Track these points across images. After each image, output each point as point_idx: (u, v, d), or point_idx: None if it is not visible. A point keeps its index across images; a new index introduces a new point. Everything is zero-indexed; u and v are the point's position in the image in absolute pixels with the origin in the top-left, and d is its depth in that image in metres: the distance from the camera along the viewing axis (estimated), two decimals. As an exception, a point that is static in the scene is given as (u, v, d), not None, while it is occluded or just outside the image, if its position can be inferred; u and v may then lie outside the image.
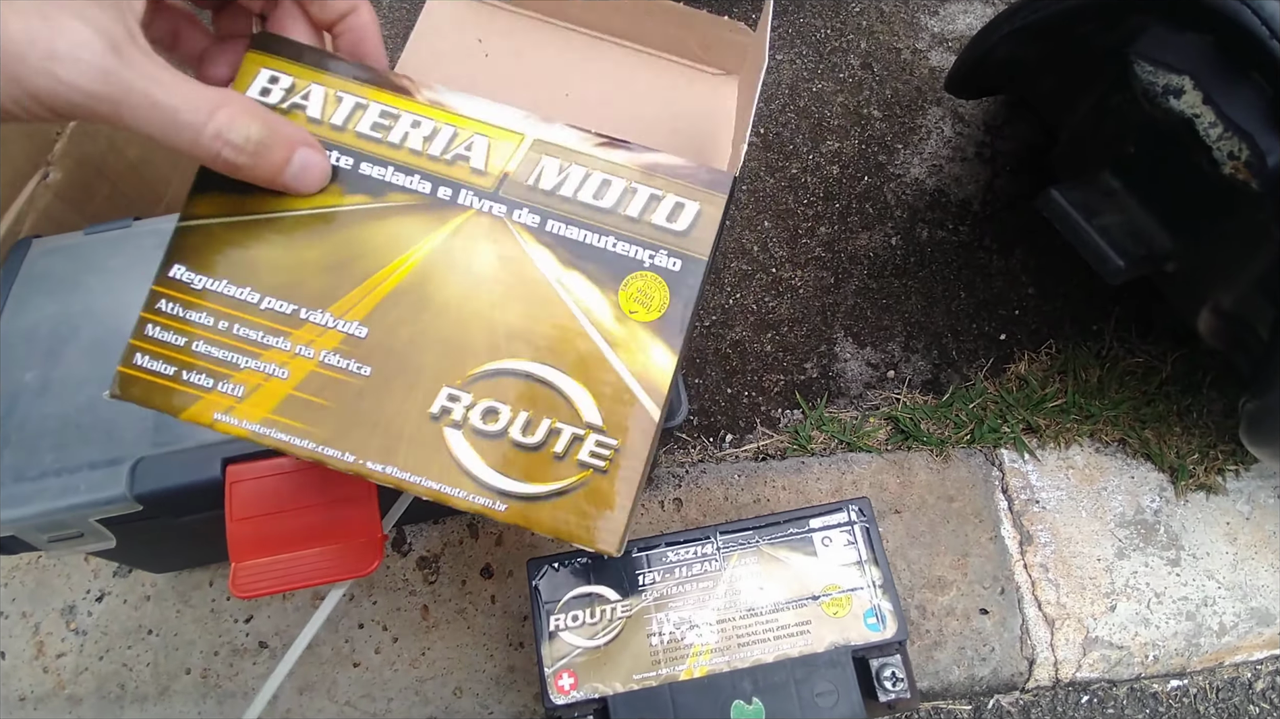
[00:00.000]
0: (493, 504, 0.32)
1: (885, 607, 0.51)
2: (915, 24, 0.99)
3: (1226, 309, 0.57)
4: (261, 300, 0.32)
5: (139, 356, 0.31)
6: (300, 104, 0.32)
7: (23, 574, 0.68)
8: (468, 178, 0.33)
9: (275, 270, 0.32)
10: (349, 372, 0.32)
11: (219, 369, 0.31)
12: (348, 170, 0.32)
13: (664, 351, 0.33)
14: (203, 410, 0.31)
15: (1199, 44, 0.48)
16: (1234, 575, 0.72)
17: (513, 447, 0.32)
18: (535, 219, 0.33)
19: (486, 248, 0.33)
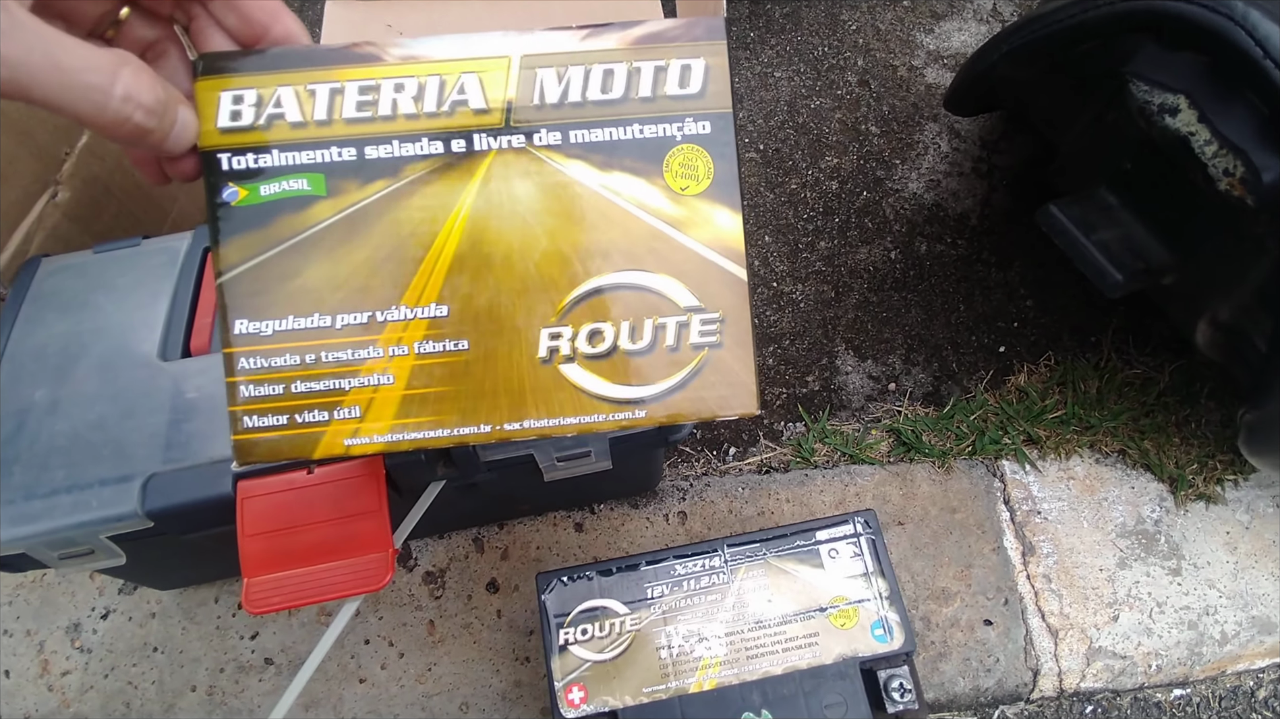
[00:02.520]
0: (633, 414, 0.34)
1: (892, 618, 0.52)
2: (911, 42, 1.01)
3: (1224, 321, 0.58)
4: (335, 320, 0.31)
5: (246, 419, 0.30)
6: (277, 113, 0.30)
7: (27, 592, 0.68)
8: (474, 121, 0.32)
9: (333, 287, 0.31)
10: (448, 352, 0.32)
11: (328, 399, 0.31)
12: (353, 161, 0.31)
13: (727, 214, 0.33)
14: (332, 442, 0.31)
15: (1194, 64, 0.49)
16: (1235, 584, 0.72)
17: (627, 356, 0.33)
18: (556, 136, 0.33)
19: (522, 183, 0.33)
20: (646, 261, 0.34)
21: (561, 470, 0.57)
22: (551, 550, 0.70)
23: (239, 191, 0.29)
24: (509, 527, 0.71)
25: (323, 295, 0.31)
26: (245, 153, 0.30)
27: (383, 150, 0.31)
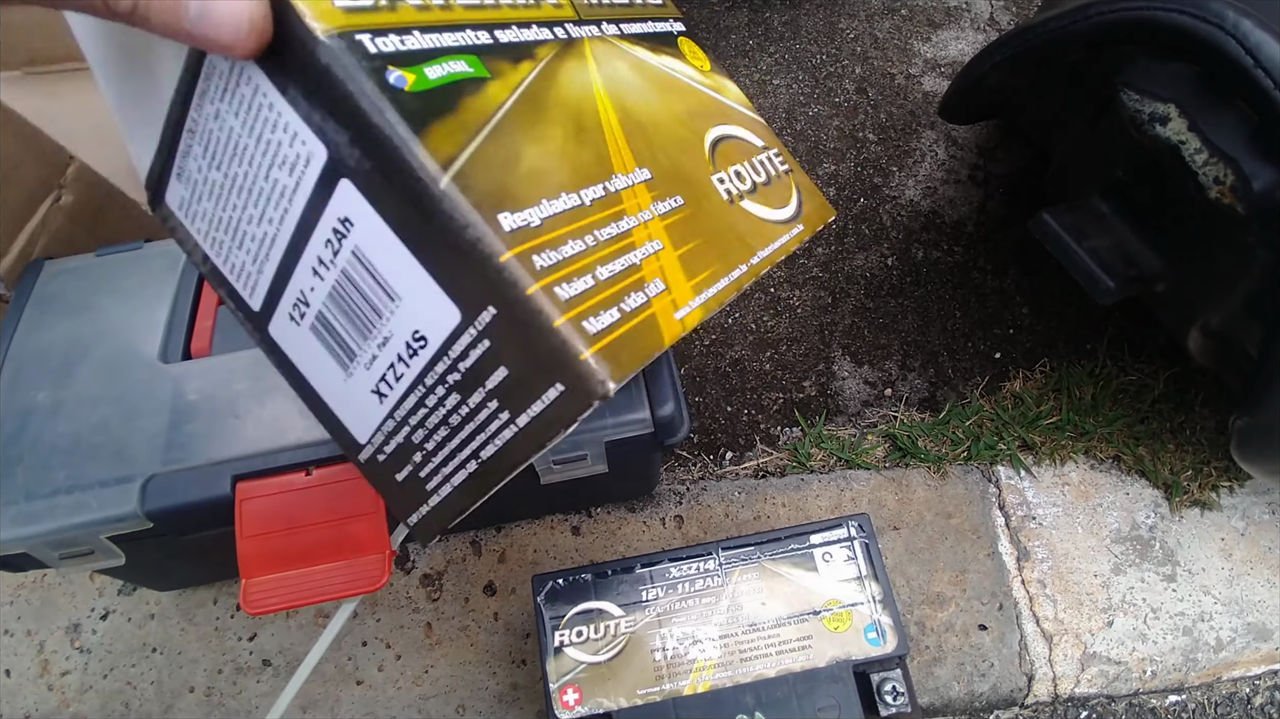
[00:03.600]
0: (799, 230, 0.38)
1: (885, 621, 0.52)
2: (909, 50, 1.02)
3: (1216, 328, 0.59)
4: (583, 197, 0.27)
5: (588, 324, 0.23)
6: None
7: (28, 592, 0.68)
8: (556, 14, 0.33)
9: (558, 165, 0.27)
10: (676, 209, 0.31)
11: (633, 278, 0.27)
12: (491, 44, 0.28)
13: (730, 82, 0.42)
14: (668, 323, 0.27)
15: (1184, 73, 0.50)
16: (1230, 591, 0.72)
17: (764, 186, 0.38)
18: (613, 29, 0.36)
19: (619, 63, 0.35)
20: (723, 118, 0.39)
21: (558, 473, 0.57)
22: (549, 554, 0.70)
23: (406, 76, 0.24)
24: (506, 530, 0.72)
25: (556, 175, 0.27)
26: (386, 34, 0.24)
27: (510, 35, 0.29)
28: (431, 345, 0.24)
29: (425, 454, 0.27)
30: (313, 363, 0.28)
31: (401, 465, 0.28)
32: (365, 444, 0.28)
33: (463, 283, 0.23)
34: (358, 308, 0.25)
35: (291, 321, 0.27)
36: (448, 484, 0.27)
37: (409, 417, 0.26)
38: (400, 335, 0.25)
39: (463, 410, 0.25)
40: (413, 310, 0.24)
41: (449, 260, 0.23)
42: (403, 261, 0.23)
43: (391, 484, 0.28)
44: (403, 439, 0.27)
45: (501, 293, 0.22)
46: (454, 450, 0.26)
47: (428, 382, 0.25)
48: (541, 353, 0.22)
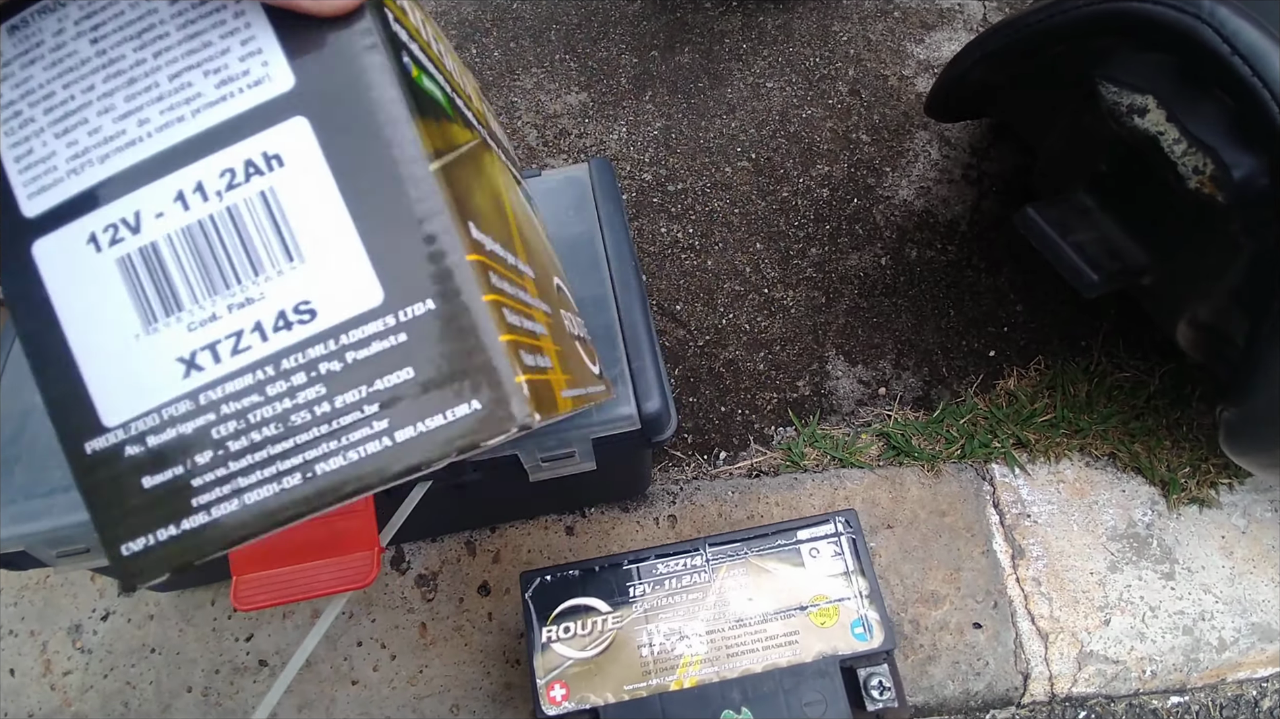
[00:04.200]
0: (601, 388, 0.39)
1: (872, 616, 0.52)
2: (902, 52, 1.02)
3: (1203, 320, 0.58)
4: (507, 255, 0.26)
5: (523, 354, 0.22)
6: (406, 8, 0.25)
7: (31, 593, 0.70)
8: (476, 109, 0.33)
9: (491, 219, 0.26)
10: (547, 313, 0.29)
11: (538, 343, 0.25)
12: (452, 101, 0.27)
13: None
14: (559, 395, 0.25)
15: (1161, 63, 0.50)
16: (1232, 590, 0.72)
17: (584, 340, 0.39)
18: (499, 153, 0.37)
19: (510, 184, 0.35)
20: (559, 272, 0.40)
21: (546, 471, 0.58)
22: (542, 553, 0.71)
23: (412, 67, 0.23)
24: (501, 530, 0.72)
25: (490, 219, 0.25)
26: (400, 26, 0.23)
27: (460, 102, 0.29)
28: (319, 322, 0.21)
29: (220, 456, 0.21)
30: (84, 304, 0.22)
31: (164, 467, 0.21)
32: (111, 428, 0.22)
33: (404, 269, 0.21)
34: (224, 255, 0.21)
35: (88, 245, 0.22)
36: (233, 500, 0.21)
37: (225, 402, 0.21)
38: (275, 301, 0.21)
39: (319, 409, 0.21)
40: (312, 276, 0.21)
41: (397, 242, 0.21)
42: (333, 222, 0.21)
43: (125, 490, 0.22)
44: (192, 430, 0.21)
45: (449, 292, 0.21)
46: (273, 457, 0.21)
47: (285, 364, 0.21)
48: (472, 365, 0.20)
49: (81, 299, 0.22)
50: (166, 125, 0.22)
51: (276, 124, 0.21)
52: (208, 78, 0.21)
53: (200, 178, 0.21)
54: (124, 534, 0.22)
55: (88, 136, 0.22)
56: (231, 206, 0.21)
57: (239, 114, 0.21)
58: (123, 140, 0.22)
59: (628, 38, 1.05)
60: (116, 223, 0.22)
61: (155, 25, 0.22)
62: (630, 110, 0.98)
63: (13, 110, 0.22)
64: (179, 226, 0.21)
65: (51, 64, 0.22)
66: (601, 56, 1.03)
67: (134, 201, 0.22)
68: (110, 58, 0.22)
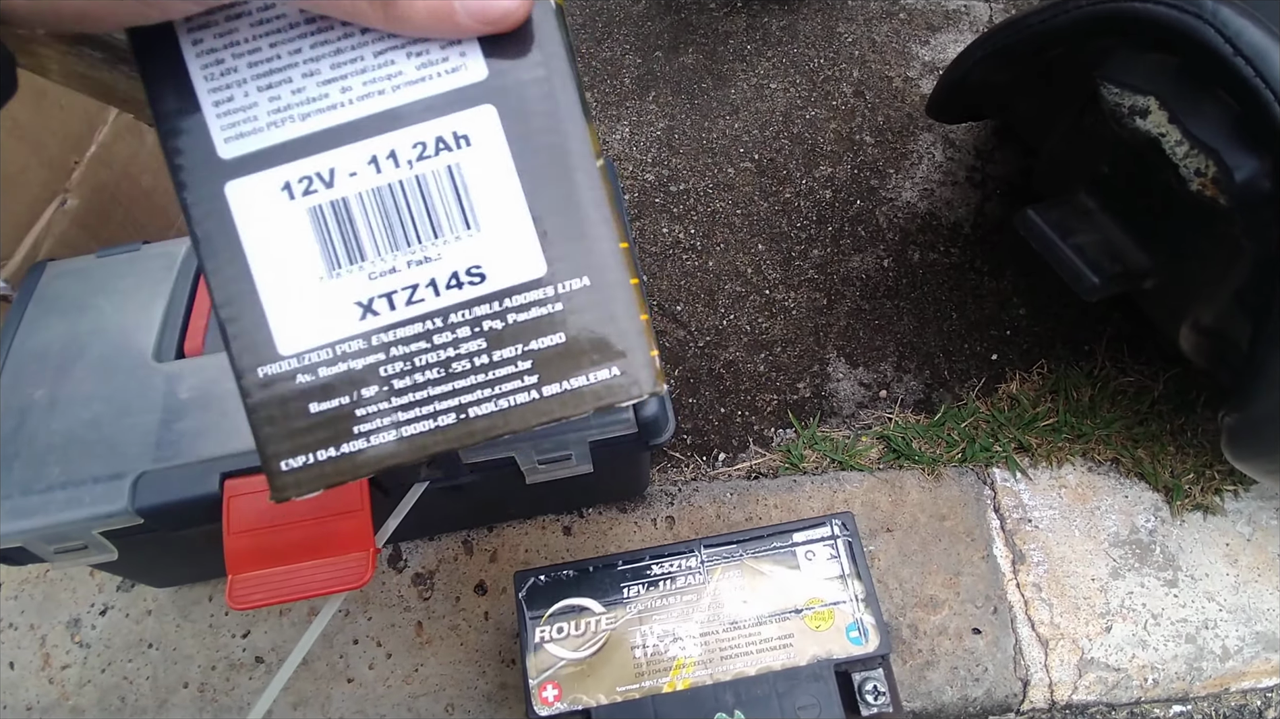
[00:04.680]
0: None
1: (868, 620, 0.52)
2: (907, 53, 1.01)
3: (1205, 325, 0.58)
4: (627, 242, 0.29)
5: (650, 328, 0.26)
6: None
7: (31, 587, 0.70)
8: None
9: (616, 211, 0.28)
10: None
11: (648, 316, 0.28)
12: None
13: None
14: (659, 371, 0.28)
15: (1163, 64, 0.49)
16: (1236, 598, 0.71)
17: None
18: None
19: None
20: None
21: (543, 473, 0.58)
22: (540, 553, 0.71)
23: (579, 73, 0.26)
24: (498, 530, 0.72)
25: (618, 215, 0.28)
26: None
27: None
28: (487, 285, 0.24)
29: (384, 391, 0.24)
30: (272, 245, 0.24)
31: (332, 396, 0.24)
32: (286, 357, 0.24)
33: (566, 247, 0.24)
34: (409, 216, 0.24)
35: (282, 191, 0.24)
36: (391, 431, 0.24)
37: (395, 345, 0.24)
38: (450, 262, 0.24)
39: (479, 359, 0.24)
40: (485, 245, 0.24)
41: (563, 225, 0.24)
42: (509, 201, 0.23)
43: (291, 413, 0.24)
44: (362, 367, 0.24)
45: (604, 273, 0.24)
46: (432, 397, 0.24)
47: (454, 318, 0.24)
48: (616, 338, 0.24)
49: (270, 240, 0.24)
50: (368, 95, 0.23)
51: (468, 108, 0.23)
52: (410, 59, 0.23)
53: (394, 146, 0.24)
54: (285, 451, 0.24)
55: (291, 95, 0.24)
56: (420, 175, 0.24)
57: (436, 94, 0.23)
58: (325, 103, 0.23)
59: (632, 38, 1.05)
60: (311, 175, 0.24)
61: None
62: (633, 110, 0.98)
63: (214, 58, 0.23)
64: (370, 186, 0.24)
65: (259, 21, 0.23)
66: (605, 56, 1.03)
67: (330, 159, 0.24)
68: (319, 26, 0.23)
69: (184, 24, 0.23)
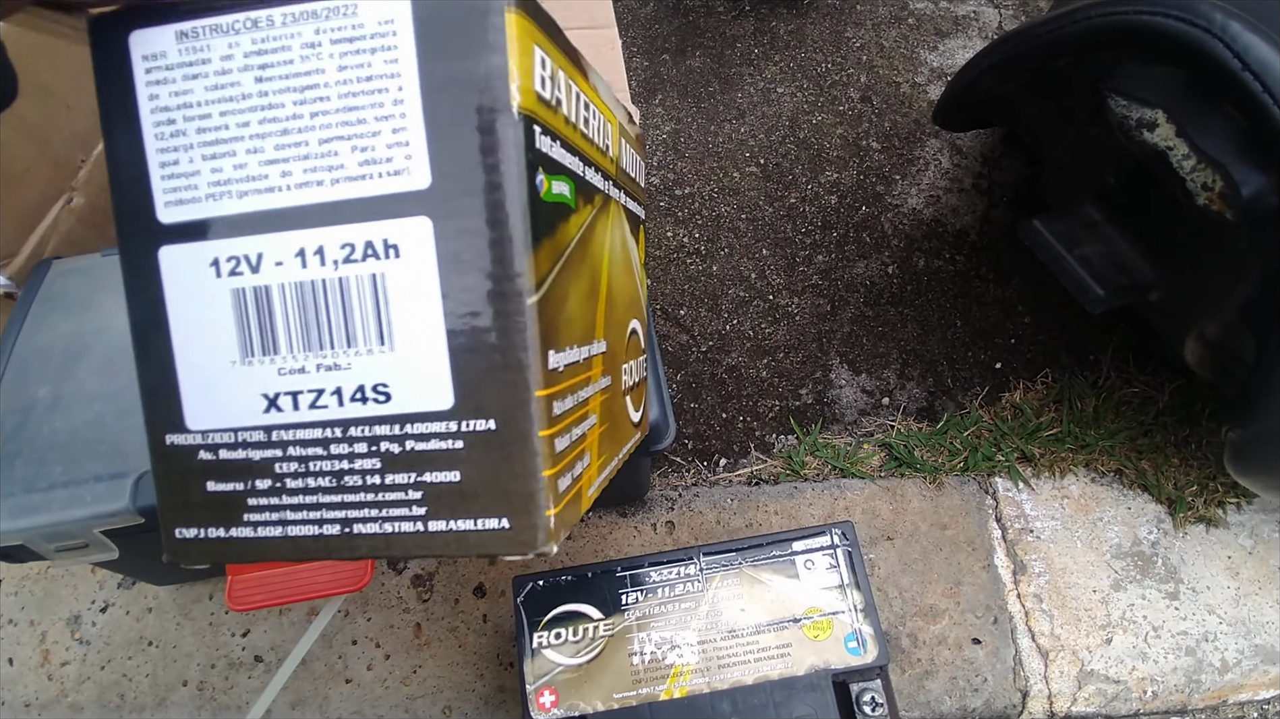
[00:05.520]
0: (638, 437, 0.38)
1: (866, 631, 0.52)
2: (915, 59, 1.01)
3: (1211, 338, 0.57)
4: (580, 354, 0.26)
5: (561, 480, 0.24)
6: (560, 98, 0.25)
7: (32, 584, 0.70)
8: (609, 166, 0.32)
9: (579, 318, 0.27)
10: (606, 387, 0.30)
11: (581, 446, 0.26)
12: (581, 177, 0.27)
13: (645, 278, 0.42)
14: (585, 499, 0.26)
15: (1171, 78, 0.49)
16: (1236, 611, 0.70)
17: (633, 388, 0.38)
18: (622, 197, 0.35)
19: (618, 233, 0.34)
20: (639, 312, 0.39)
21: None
22: (539, 557, 0.71)
23: (543, 183, 0.23)
24: (498, 532, 0.72)
25: (577, 327, 0.26)
26: (549, 135, 0.24)
27: (591, 174, 0.29)
28: (391, 406, 0.23)
29: (276, 488, 0.23)
30: (193, 318, 0.23)
31: (228, 478, 0.24)
32: (192, 431, 0.24)
33: (478, 385, 0.22)
34: (327, 319, 0.23)
35: (210, 268, 0.23)
36: (278, 528, 0.24)
37: (293, 445, 0.23)
38: (358, 374, 0.23)
39: (371, 479, 0.23)
40: (396, 366, 0.22)
41: (479, 361, 0.22)
42: (428, 325, 0.22)
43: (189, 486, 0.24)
44: (259, 459, 0.23)
45: (513, 421, 0.22)
46: (320, 504, 0.23)
47: (354, 432, 0.23)
48: (513, 490, 0.22)
49: (192, 313, 0.23)
50: (305, 184, 0.23)
51: (404, 217, 0.22)
52: (354, 153, 0.22)
53: (323, 242, 0.23)
54: (180, 520, 0.24)
55: (233, 169, 0.23)
56: (343, 278, 0.23)
57: (373, 195, 0.22)
58: (263, 184, 0.23)
59: (639, 40, 1.05)
60: (240, 257, 0.23)
61: (318, 86, 0.22)
62: (640, 113, 0.98)
63: (167, 117, 0.23)
64: (294, 280, 0.23)
65: (214, 86, 0.23)
66: (612, 59, 1.03)
67: (260, 244, 0.23)
68: (271, 102, 0.23)
69: (144, 75, 0.23)
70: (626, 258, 0.36)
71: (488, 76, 0.21)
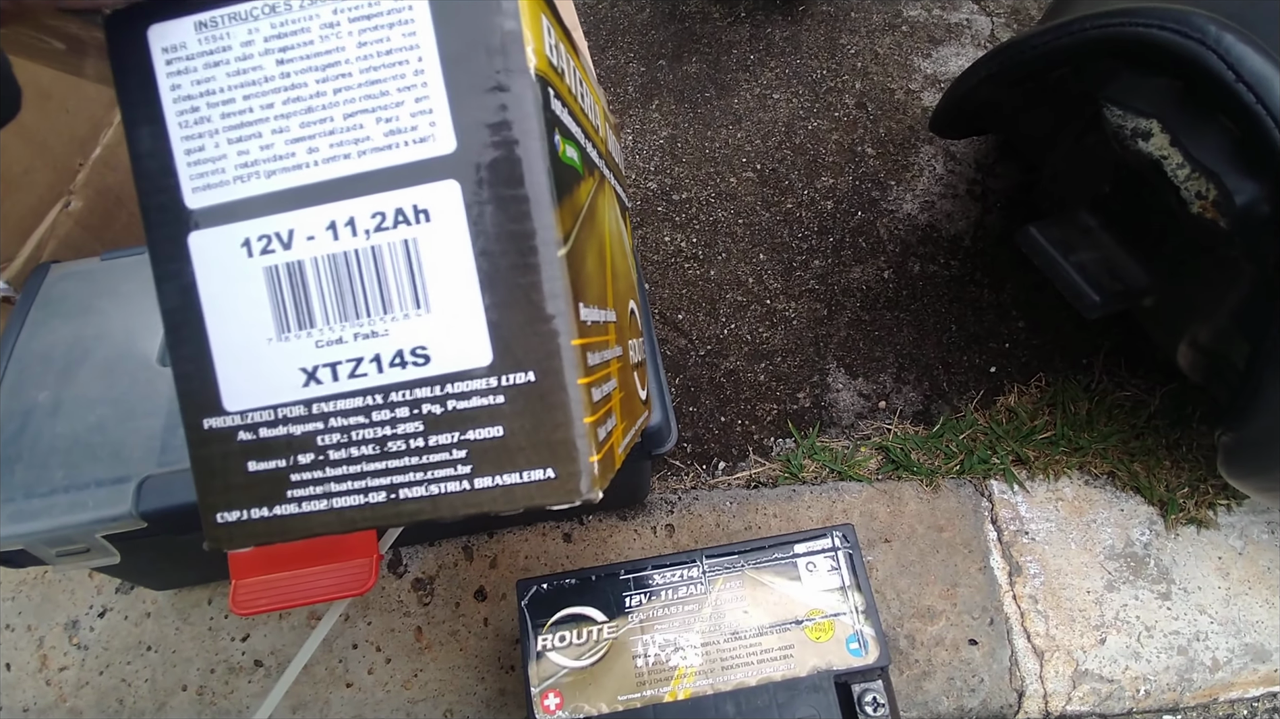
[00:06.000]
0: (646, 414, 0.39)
1: (868, 632, 0.52)
2: (909, 66, 1.02)
3: (1203, 343, 0.58)
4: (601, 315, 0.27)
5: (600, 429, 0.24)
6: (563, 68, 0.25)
7: (29, 588, 0.70)
8: (599, 142, 0.33)
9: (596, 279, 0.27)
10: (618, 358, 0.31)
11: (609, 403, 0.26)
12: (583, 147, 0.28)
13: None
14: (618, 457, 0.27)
15: (1166, 88, 0.50)
16: (1227, 610, 0.72)
17: (638, 366, 0.38)
18: (611, 177, 0.36)
19: (612, 210, 0.35)
20: (635, 293, 0.39)
21: (546, 480, 0.58)
22: (540, 560, 0.71)
23: (560, 143, 0.24)
24: (499, 536, 0.72)
25: (596, 287, 0.27)
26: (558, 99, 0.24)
27: (589, 148, 0.30)
28: (431, 368, 0.23)
29: (320, 460, 0.24)
30: (227, 300, 0.24)
31: (270, 457, 0.24)
32: (230, 413, 0.24)
33: (515, 338, 0.23)
34: (361, 288, 0.23)
35: (241, 248, 0.24)
36: (323, 501, 0.24)
37: (335, 417, 0.24)
38: (396, 340, 0.23)
39: (415, 442, 0.23)
40: (434, 328, 0.23)
41: (515, 315, 0.23)
42: (462, 284, 0.23)
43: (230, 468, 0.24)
44: (301, 433, 0.24)
45: (551, 370, 0.22)
46: (365, 473, 0.24)
47: (394, 397, 0.23)
48: (555, 438, 0.23)
49: (226, 295, 0.24)
50: (333, 158, 0.23)
51: (431, 181, 0.23)
52: (379, 124, 0.23)
53: (353, 214, 0.23)
54: (221, 504, 0.24)
55: (259, 150, 0.23)
56: (376, 247, 0.23)
57: (401, 164, 0.23)
58: (290, 162, 0.23)
59: (636, 46, 1.05)
60: (271, 235, 0.23)
61: (340, 63, 0.23)
62: (637, 119, 0.98)
63: (190, 105, 0.23)
64: (326, 253, 0.23)
65: (236, 72, 0.23)
66: (609, 64, 1.03)
67: (290, 220, 0.23)
68: (293, 82, 0.23)
69: (164, 67, 0.23)
70: (621, 238, 0.37)
71: (503, 42, 0.22)
